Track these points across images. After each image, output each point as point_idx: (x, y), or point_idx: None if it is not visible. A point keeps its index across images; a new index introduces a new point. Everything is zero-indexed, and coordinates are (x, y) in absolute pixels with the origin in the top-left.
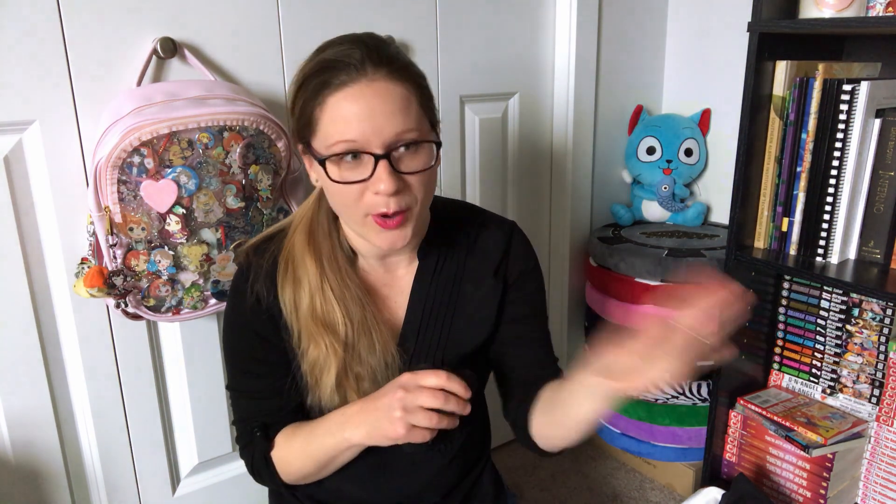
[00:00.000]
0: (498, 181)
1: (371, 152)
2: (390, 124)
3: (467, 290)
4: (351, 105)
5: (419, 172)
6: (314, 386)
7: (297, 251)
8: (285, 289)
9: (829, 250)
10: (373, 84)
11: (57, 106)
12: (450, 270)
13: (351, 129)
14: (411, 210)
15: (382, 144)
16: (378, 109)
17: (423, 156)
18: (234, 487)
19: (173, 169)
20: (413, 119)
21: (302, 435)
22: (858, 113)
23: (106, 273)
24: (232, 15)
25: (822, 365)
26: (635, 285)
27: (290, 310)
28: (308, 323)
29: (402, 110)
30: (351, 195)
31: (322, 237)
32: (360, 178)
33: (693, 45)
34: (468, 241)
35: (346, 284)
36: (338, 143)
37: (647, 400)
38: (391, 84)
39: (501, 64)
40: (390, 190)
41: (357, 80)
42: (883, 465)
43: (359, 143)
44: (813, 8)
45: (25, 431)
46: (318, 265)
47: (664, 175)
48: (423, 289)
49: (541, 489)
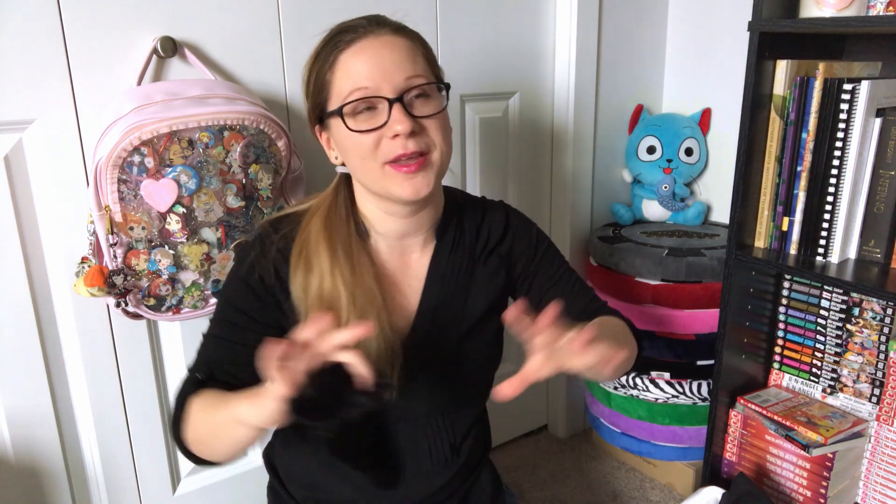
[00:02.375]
0: (498, 181)
1: (384, 96)
2: (399, 70)
3: (478, 269)
4: (360, 56)
5: (432, 116)
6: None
7: (312, 237)
8: (297, 274)
9: (830, 250)
10: (379, 37)
11: (57, 105)
12: (463, 250)
13: (362, 77)
14: (430, 154)
15: (394, 89)
16: (387, 57)
17: (435, 101)
18: (234, 487)
19: (174, 168)
20: (420, 67)
21: (213, 397)
22: (859, 112)
23: (106, 272)
24: (232, 14)
25: (822, 364)
26: (635, 284)
27: (299, 294)
28: (314, 305)
29: (409, 59)
30: (368, 146)
31: (339, 224)
32: (377, 124)
33: (693, 44)
34: (476, 224)
35: (356, 272)
36: (351, 92)
37: (647, 399)
38: (396, 37)
39: (502, 63)
40: (407, 130)
41: (364, 37)
42: (883, 465)
43: (371, 89)
44: (813, 7)
45: (25, 431)
46: (331, 252)
47: (664, 174)
48: (441, 268)
49: (540, 488)
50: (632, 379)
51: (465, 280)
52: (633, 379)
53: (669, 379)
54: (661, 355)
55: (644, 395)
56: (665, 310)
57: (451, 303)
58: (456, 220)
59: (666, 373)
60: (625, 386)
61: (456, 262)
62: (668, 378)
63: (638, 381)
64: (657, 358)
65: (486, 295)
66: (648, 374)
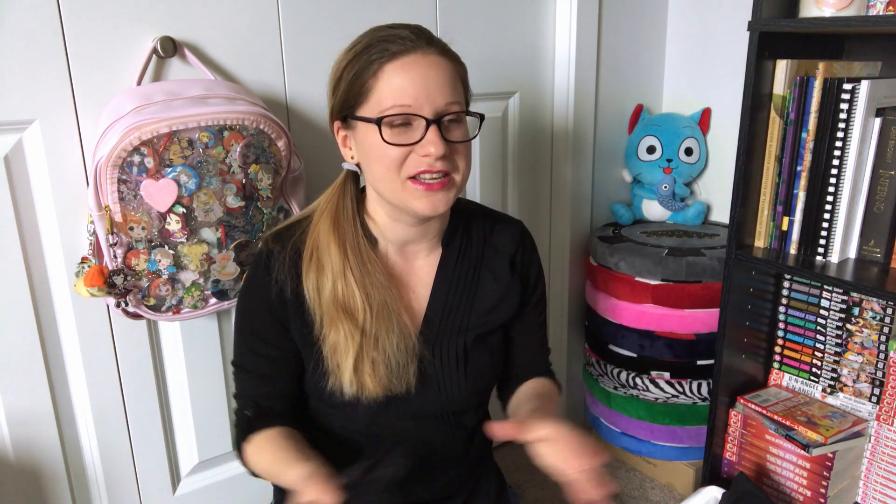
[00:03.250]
0: (498, 180)
1: (423, 116)
2: (441, 94)
3: (487, 277)
4: (407, 73)
5: (463, 142)
6: (335, 370)
7: (321, 238)
8: (309, 276)
9: (830, 249)
10: (427, 56)
11: (57, 105)
12: (470, 259)
13: (406, 94)
14: (453, 175)
15: (433, 111)
16: (431, 79)
17: (465, 129)
18: (235, 487)
19: (173, 168)
20: (459, 93)
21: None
22: (859, 112)
23: (106, 272)
24: (232, 14)
25: (822, 364)
26: (635, 284)
27: (313, 296)
28: (329, 308)
29: (451, 84)
30: (397, 159)
31: (346, 223)
32: (411, 140)
33: (693, 44)
34: (484, 233)
35: (367, 270)
36: (393, 106)
37: (647, 399)
38: (442, 59)
39: (501, 63)
40: (440, 153)
41: (412, 52)
42: (883, 465)
43: (413, 107)
44: (813, 7)
45: (26, 431)
46: (342, 251)
47: (664, 174)
48: (447, 275)
49: (542, 488)
50: (632, 379)
51: (472, 287)
52: (633, 379)
53: (669, 379)
54: (661, 355)
55: (644, 395)
56: (665, 310)
57: (458, 309)
58: (462, 228)
59: (666, 372)
60: (625, 386)
61: (462, 270)
62: (667, 378)
63: (638, 381)
64: (657, 358)
65: (492, 303)
66: (648, 374)
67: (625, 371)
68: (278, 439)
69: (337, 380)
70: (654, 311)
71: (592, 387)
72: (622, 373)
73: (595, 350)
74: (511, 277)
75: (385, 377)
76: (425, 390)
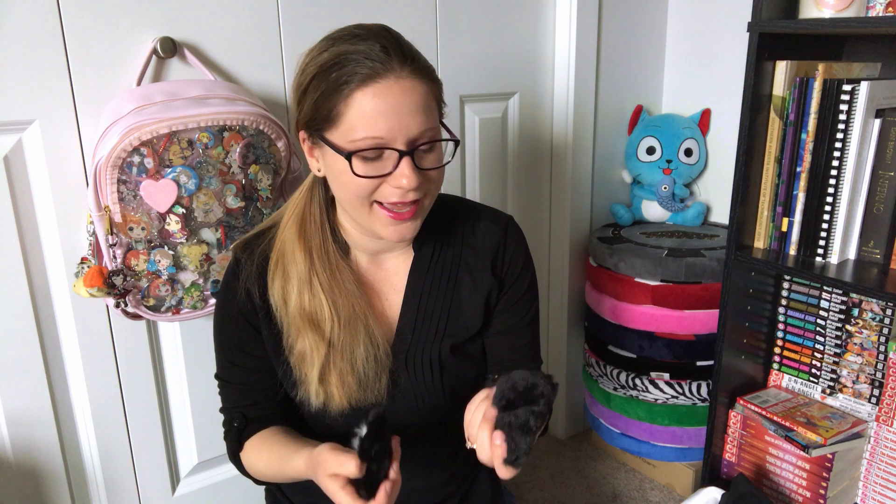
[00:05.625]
0: (498, 181)
1: (396, 148)
2: (416, 121)
3: (465, 281)
4: (379, 101)
5: (436, 169)
6: (302, 380)
7: (287, 244)
8: (275, 284)
9: (829, 250)
10: (400, 82)
11: (57, 105)
12: (446, 261)
13: (379, 125)
14: (423, 200)
15: (406, 141)
16: (405, 108)
17: (439, 153)
18: (234, 487)
19: (173, 169)
20: (434, 118)
21: (266, 453)
22: (858, 113)
23: (106, 273)
24: (232, 15)
25: (821, 365)
26: (635, 285)
27: (279, 304)
28: (295, 317)
29: (425, 109)
30: (367, 188)
31: (313, 229)
32: (382, 172)
33: (693, 45)
34: (464, 233)
35: (336, 278)
36: (365, 138)
37: (646, 400)
38: (416, 82)
39: (501, 64)
40: (413, 185)
41: (385, 77)
42: (883, 465)
43: (385, 139)
44: (813, 8)
45: (25, 431)
46: (308, 258)
47: (664, 175)
48: (420, 279)
49: (540, 489)
50: (631, 379)
51: (448, 292)
52: (632, 380)
53: (669, 379)
54: (661, 356)
55: (644, 396)
56: (665, 310)
57: (433, 315)
58: (440, 229)
59: (665, 373)
60: (624, 387)
61: (437, 275)
62: (667, 379)
63: (637, 382)
64: (657, 358)
65: (470, 307)
66: (648, 375)
67: (624, 372)
68: (273, 437)
69: (303, 390)
70: (653, 311)
71: (592, 388)
72: (622, 374)
73: (595, 351)
74: (493, 280)
75: (354, 388)
76: (401, 400)
